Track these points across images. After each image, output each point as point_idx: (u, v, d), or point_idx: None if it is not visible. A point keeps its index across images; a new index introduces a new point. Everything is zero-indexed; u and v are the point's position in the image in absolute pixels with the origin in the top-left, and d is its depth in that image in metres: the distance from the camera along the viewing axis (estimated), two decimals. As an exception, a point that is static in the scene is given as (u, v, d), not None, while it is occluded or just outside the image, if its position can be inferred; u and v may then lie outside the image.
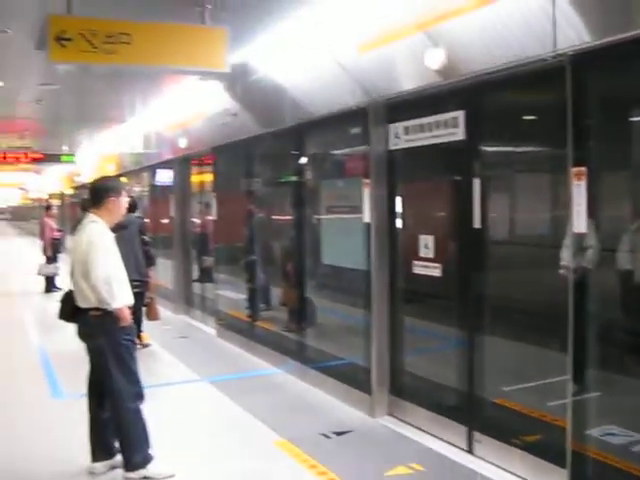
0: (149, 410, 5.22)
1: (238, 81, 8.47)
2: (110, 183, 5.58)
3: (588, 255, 4.48)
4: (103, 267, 4.99)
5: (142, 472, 5.05)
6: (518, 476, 4.97)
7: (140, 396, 5.24)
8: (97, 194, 5.36)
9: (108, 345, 5.07)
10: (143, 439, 5.16)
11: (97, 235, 5.11)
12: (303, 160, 7.95)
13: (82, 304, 5.10)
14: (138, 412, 5.18)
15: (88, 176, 21.83)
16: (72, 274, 5.21)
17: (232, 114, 8.91)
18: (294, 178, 8.22)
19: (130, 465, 5.06)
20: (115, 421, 5.15)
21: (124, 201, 5.46)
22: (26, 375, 8.13)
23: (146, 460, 5.08)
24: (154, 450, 5.13)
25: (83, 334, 5.19)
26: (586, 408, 4.49)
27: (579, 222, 4.33)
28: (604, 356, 4.45)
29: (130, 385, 5.15)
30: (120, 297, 5.07)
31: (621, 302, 4.73)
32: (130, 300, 5.22)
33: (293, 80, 7.33)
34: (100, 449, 5.23)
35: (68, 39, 5.82)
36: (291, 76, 7.34)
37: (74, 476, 5.16)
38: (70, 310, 5.21)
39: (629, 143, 4.52)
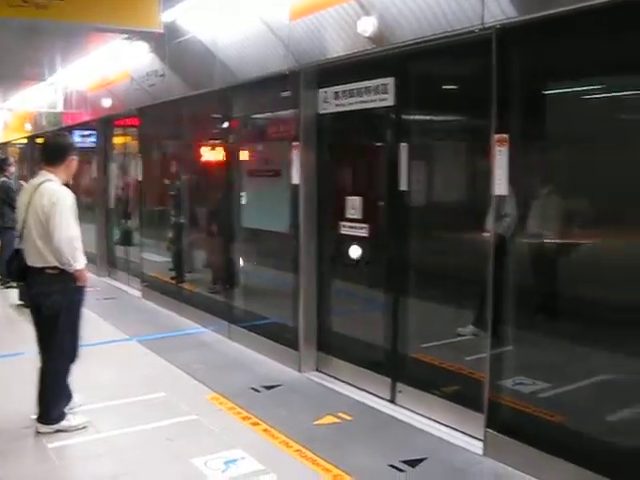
0: (78, 368, 5.33)
1: (166, 42, 8.44)
2: (71, 140, 5.47)
3: (505, 223, 4.78)
4: (67, 229, 4.96)
5: (55, 426, 5.20)
6: (439, 422, 5.35)
7: (76, 356, 5.34)
8: (58, 151, 5.25)
9: (64, 303, 5.10)
10: (64, 396, 5.32)
11: (61, 196, 5.02)
12: (231, 123, 8.04)
13: (37, 264, 5.07)
14: (68, 371, 5.30)
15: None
16: (23, 234, 5.14)
17: (159, 75, 8.88)
18: (222, 141, 8.31)
19: (46, 419, 5.19)
20: (45, 374, 5.22)
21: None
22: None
23: (61, 417, 5.23)
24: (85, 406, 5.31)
25: (37, 293, 5.14)
26: (501, 361, 4.84)
27: (500, 186, 4.64)
28: (518, 315, 4.80)
29: (73, 344, 5.24)
30: (81, 258, 5.11)
31: (532, 265, 5.06)
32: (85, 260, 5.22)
33: (223, 43, 7.37)
34: None
35: (-3, -8, 5.71)
36: (221, 39, 7.38)
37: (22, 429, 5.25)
38: (18, 269, 5.20)
39: (548, 114, 4.81)
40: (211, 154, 8.96)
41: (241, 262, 8.14)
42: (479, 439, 4.92)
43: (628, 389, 4.23)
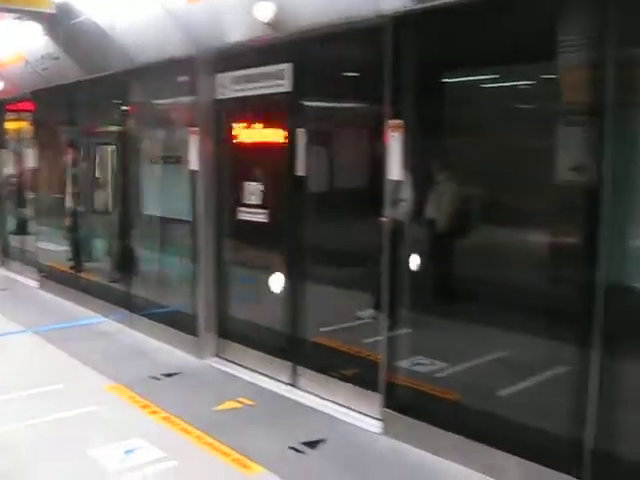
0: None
1: (60, 23, 8.17)
2: None
3: (401, 208, 4.89)
4: None
5: None
6: (339, 404, 5.45)
7: None
8: None
9: None
10: None
11: None
12: (129, 108, 7.88)
13: None
14: None
15: None
16: None
17: (54, 58, 8.58)
18: (119, 127, 8.14)
19: None
20: None
21: None
22: None
23: None
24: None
25: None
26: (398, 342, 4.97)
27: (394, 171, 4.74)
28: (414, 297, 4.93)
29: None
30: None
31: (428, 249, 5.20)
32: None
33: (120, 25, 7.19)
34: None
35: None
36: (118, 21, 7.20)
37: None
38: None
39: (441, 102, 4.94)
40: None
41: (141, 250, 8.00)
42: (378, 419, 5.04)
43: (519, 365, 4.42)
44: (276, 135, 6.13)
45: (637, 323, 3.73)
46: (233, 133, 6.58)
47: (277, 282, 6.04)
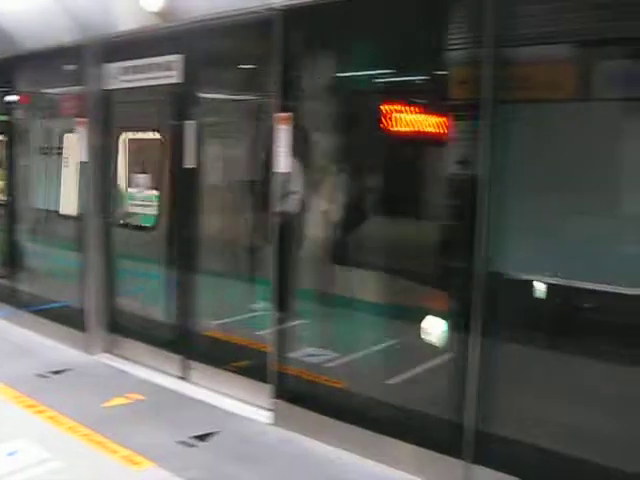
0: None
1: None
2: None
3: (291, 200, 4.93)
4: None
5: None
6: (230, 396, 5.45)
7: None
8: None
9: None
10: None
11: None
12: (15, 97, 7.60)
13: None
14: None
15: None
16: None
17: None
18: (5, 116, 7.83)
19: None
20: None
21: None
22: None
23: None
24: None
25: None
26: (288, 334, 5.01)
27: (282, 163, 4.78)
28: (304, 289, 4.98)
29: None
30: None
31: (317, 240, 5.24)
32: None
33: (3, 10, 6.91)
34: None
35: None
36: (1, 6, 6.92)
37: None
38: None
39: (333, 96, 5.00)
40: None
41: (29, 244, 7.74)
42: (269, 410, 5.08)
43: (407, 353, 4.57)
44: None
45: (514, 311, 3.91)
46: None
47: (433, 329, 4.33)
